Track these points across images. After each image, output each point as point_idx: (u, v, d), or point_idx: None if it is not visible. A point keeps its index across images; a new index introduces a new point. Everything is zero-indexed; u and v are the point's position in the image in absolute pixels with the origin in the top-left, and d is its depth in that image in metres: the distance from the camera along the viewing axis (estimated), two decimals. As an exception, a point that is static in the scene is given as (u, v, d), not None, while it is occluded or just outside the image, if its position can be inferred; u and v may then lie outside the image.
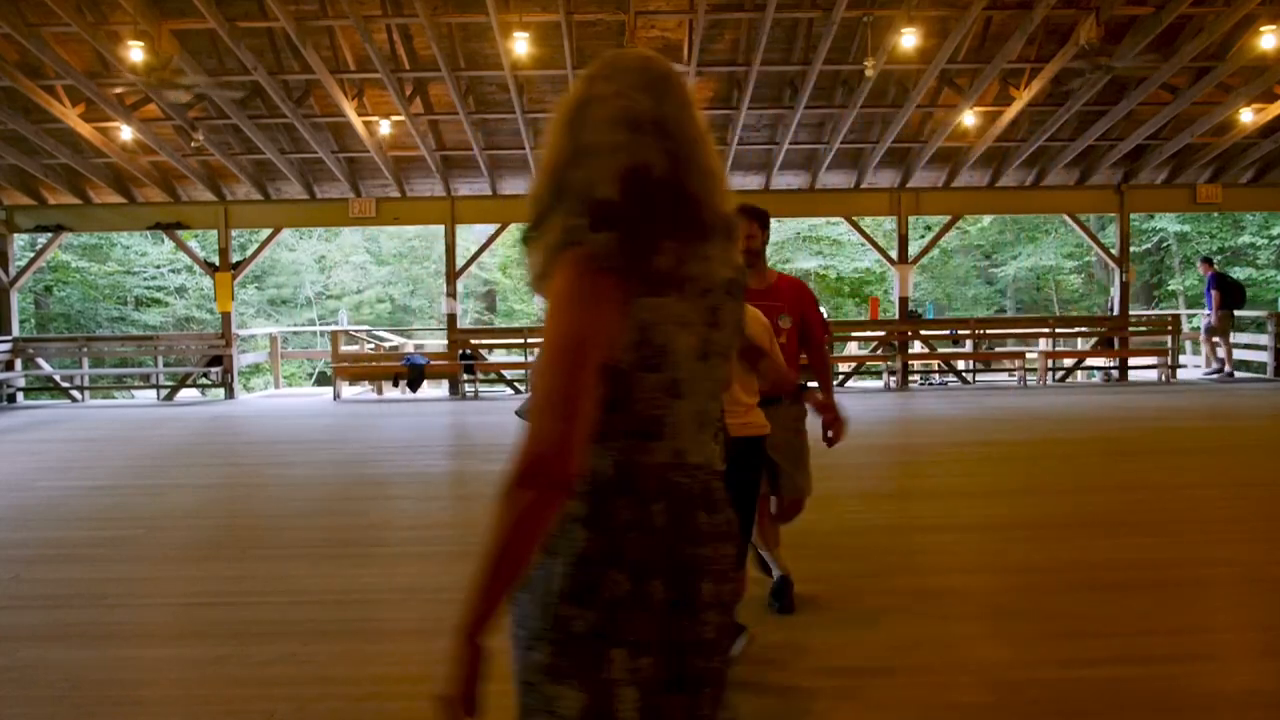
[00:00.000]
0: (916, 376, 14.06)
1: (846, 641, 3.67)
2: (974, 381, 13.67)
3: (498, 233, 14.36)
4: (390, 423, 10.89)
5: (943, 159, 12.84)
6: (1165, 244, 23.33)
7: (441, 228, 13.81)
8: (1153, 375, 13.66)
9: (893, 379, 13.15)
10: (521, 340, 13.90)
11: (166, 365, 14.13)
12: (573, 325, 1.30)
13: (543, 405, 1.28)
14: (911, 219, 13.68)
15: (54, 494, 6.79)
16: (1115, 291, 14.08)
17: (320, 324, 22.98)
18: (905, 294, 13.36)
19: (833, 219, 20.23)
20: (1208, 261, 14.01)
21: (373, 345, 17.02)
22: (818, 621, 3.84)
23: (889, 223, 14.28)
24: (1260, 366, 14.79)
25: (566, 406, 1.27)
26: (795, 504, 3.89)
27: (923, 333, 13.82)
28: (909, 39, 9.31)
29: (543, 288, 1.37)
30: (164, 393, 13.62)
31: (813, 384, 3.84)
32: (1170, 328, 14.00)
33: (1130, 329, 13.98)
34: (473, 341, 13.65)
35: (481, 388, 13.54)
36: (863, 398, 12.06)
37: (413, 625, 4.07)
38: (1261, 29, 9.14)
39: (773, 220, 3.87)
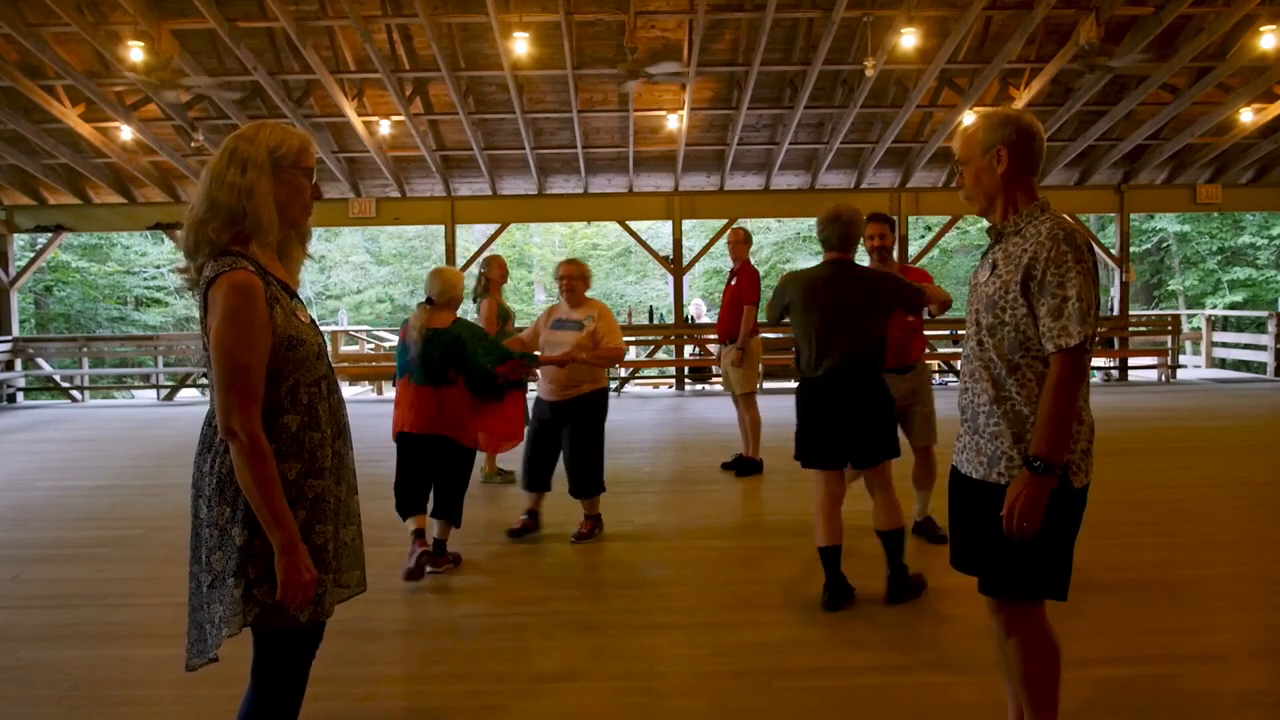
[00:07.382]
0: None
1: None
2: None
3: (498, 233, 14.35)
4: (390, 423, 10.83)
5: (943, 159, 12.84)
6: (1165, 244, 23.34)
7: (441, 228, 13.81)
8: (1153, 375, 13.68)
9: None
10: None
11: (166, 365, 14.14)
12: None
13: None
14: (911, 219, 13.68)
15: (54, 494, 6.79)
16: (1115, 291, 14.10)
17: (320, 324, 23.03)
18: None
19: (833, 219, 20.19)
20: None
21: (372, 345, 17.05)
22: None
23: (889, 223, 14.28)
24: (1260, 366, 14.80)
25: None
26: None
27: (925, 332, 13.79)
28: (909, 39, 9.31)
29: None
30: (164, 393, 13.63)
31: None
32: (1170, 328, 14.01)
33: (1130, 329, 13.99)
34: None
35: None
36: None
37: (413, 625, 4.09)
38: (1261, 29, 9.13)
39: (772, 220, 3.91)
